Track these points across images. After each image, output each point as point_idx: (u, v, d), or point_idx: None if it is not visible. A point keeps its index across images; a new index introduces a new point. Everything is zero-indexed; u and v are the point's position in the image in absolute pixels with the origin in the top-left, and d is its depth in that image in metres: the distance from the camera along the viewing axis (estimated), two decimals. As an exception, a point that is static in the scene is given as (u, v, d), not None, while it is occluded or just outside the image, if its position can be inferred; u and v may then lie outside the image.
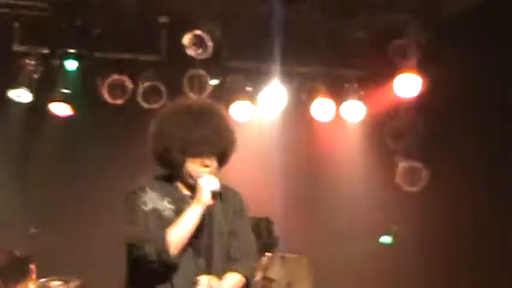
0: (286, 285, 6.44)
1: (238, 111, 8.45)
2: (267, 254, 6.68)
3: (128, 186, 4.51)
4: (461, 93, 8.23)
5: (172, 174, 4.52)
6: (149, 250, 4.28)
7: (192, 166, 4.41)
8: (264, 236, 6.62)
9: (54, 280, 6.92)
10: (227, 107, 8.17)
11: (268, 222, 6.77)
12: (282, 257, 6.76)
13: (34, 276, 6.51)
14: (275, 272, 6.71)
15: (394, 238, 8.79)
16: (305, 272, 6.60)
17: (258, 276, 6.47)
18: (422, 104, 8.57)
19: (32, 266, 6.49)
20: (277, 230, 6.82)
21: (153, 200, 4.40)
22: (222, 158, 4.50)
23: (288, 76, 8.66)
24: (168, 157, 4.43)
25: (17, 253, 6.50)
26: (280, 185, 8.14)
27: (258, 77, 8.61)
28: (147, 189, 4.42)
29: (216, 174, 4.46)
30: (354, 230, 8.76)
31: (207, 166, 4.42)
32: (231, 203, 4.55)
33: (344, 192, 8.83)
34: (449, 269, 8.67)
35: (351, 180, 8.80)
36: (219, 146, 4.43)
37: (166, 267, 4.32)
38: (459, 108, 8.41)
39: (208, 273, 4.32)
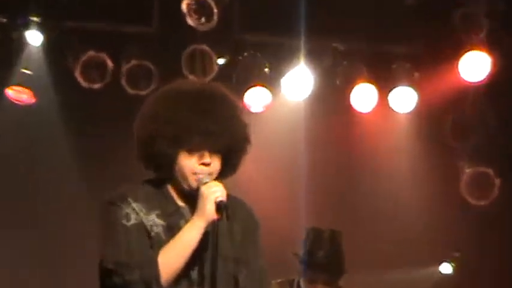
0: None
1: (254, 99, 7.98)
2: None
3: (105, 194, 4.12)
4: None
5: (162, 179, 4.15)
6: (132, 278, 3.94)
7: (187, 163, 4.01)
8: (325, 253, 6.12)
9: None
10: (240, 93, 7.65)
11: (334, 235, 6.27)
12: None
13: None
14: None
15: (456, 266, 8.42)
16: None
17: None
18: (493, 90, 7.93)
19: None
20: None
21: (137, 213, 4.04)
22: (229, 160, 4.11)
23: (318, 54, 8.08)
24: (154, 148, 4.02)
25: None
26: (309, 192, 7.80)
27: (279, 55, 8.05)
28: (129, 199, 4.06)
29: (219, 180, 4.08)
30: (403, 252, 8.26)
31: (206, 165, 4.02)
32: (240, 220, 4.20)
33: (390, 203, 8.36)
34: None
35: (399, 188, 8.33)
36: (225, 141, 4.03)
37: None
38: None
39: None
